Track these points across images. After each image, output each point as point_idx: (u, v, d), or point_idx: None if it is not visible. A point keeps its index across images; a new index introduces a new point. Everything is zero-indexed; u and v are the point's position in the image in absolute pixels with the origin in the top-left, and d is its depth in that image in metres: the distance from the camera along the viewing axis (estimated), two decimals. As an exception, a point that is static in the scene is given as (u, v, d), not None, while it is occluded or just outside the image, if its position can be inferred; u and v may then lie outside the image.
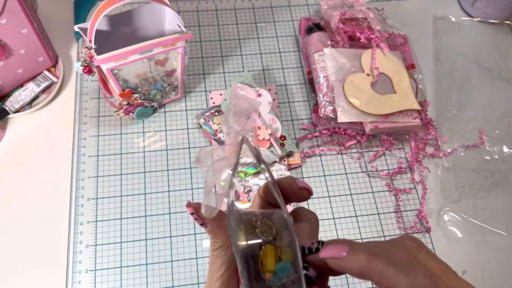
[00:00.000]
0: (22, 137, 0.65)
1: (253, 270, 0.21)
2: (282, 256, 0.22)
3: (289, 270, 0.21)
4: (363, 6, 0.75)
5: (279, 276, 0.21)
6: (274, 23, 0.80)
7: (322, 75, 0.67)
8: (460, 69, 0.77)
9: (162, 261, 0.58)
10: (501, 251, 0.62)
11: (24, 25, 0.59)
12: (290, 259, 0.22)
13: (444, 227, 0.63)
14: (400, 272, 0.20)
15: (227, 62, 0.74)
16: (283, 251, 0.22)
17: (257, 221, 0.23)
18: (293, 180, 0.26)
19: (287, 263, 0.21)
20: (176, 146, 0.66)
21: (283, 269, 0.21)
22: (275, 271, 0.21)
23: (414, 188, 0.66)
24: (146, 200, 0.62)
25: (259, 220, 0.23)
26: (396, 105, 0.64)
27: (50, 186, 0.61)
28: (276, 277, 0.21)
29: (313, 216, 0.26)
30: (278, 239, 0.22)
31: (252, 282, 0.21)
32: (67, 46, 0.73)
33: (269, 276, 0.21)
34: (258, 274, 0.21)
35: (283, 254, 0.22)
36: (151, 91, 0.64)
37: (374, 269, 0.20)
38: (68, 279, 0.56)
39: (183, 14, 0.79)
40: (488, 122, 0.72)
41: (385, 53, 0.68)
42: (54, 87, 0.68)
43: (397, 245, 0.21)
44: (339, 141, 0.68)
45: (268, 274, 0.21)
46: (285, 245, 0.22)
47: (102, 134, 0.66)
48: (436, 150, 0.69)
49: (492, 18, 0.82)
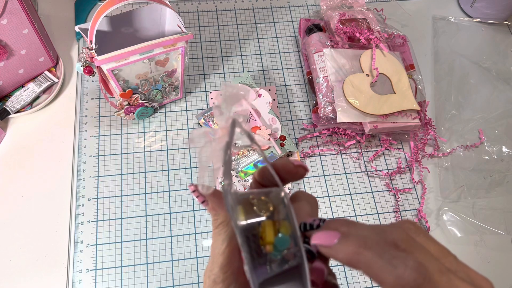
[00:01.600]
0: (23, 137, 0.65)
1: (254, 245, 0.22)
2: (281, 229, 0.22)
3: (288, 242, 0.22)
4: (362, 6, 0.75)
5: (279, 249, 0.21)
6: (274, 24, 0.80)
7: (322, 76, 0.68)
8: (459, 69, 0.77)
9: (162, 261, 0.58)
10: (500, 250, 0.62)
11: (25, 25, 0.60)
12: (289, 232, 0.22)
13: (443, 227, 0.63)
14: (388, 264, 0.20)
15: (227, 63, 0.75)
16: (281, 225, 0.22)
17: (254, 198, 0.23)
18: (287, 160, 0.26)
19: (285, 235, 0.22)
20: (177, 146, 0.66)
21: (282, 241, 0.22)
22: (275, 243, 0.22)
23: (413, 188, 0.66)
24: (146, 200, 0.62)
25: (256, 198, 0.23)
26: (395, 105, 0.65)
27: (51, 186, 0.62)
28: (276, 249, 0.21)
29: (312, 198, 0.26)
30: (276, 214, 0.23)
31: (253, 257, 0.21)
32: (68, 47, 0.73)
33: (270, 249, 0.21)
34: (259, 249, 0.22)
35: (282, 227, 0.22)
36: (151, 92, 0.64)
37: (362, 260, 0.20)
38: (68, 279, 0.56)
39: (184, 14, 0.79)
40: (487, 122, 0.72)
41: (385, 53, 0.68)
42: (55, 88, 0.68)
43: (396, 227, 0.21)
44: (338, 141, 0.69)
45: (268, 247, 0.22)
46: (282, 218, 0.23)
47: (102, 134, 0.66)
48: (435, 150, 0.69)
49: (491, 18, 0.82)
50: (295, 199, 0.26)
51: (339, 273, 0.59)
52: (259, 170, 0.26)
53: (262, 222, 0.22)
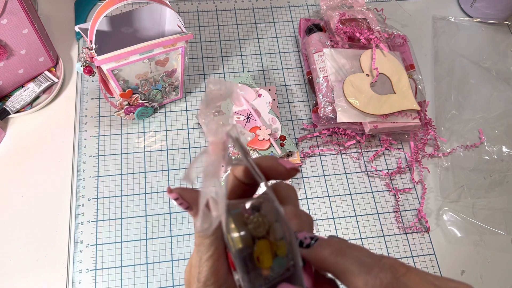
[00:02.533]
0: (23, 137, 0.65)
1: (250, 263, 0.21)
2: (278, 251, 0.22)
3: (285, 264, 0.22)
4: (362, 6, 0.75)
5: (276, 270, 0.22)
6: (274, 24, 0.80)
7: (322, 76, 0.68)
8: (459, 69, 0.77)
9: (162, 261, 0.58)
10: (500, 250, 0.62)
11: (24, 25, 0.60)
12: (285, 252, 0.22)
13: (443, 227, 0.63)
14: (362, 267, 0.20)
15: (227, 63, 0.75)
16: (278, 246, 0.22)
17: (248, 217, 0.22)
18: (275, 161, 0.25)
19: (283, 257, 0.22)
20: (177, 146, 0.66)
21: (280, 263, 0.22)
22: (272, 266, 0.21)
23: (414, 188, 0.66)
24: (146, 200, 0.62)
25: (250, 214, 0.23)
26: (395, 105, 0.64)
27: (51, 186, 0.62)
28: (273, 271, 0.22)
29: (292, 190, 0.26)
30: (272, 233, 0.22)
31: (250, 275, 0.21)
32: (68, 47, 0.73)
33: (267, 272, 0.21)
34: (254, 267, 0.21)
35: (279, 249, 0.22)
36: (151, 91, 0.64)
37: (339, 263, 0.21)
38: (68, 279, 0.56)
39: (183, 14, 0.79)
40: (487, 122, 0.72)
41: (385, 53, 0.68)
42: (55, 87, 0.68)
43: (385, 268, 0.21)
44: (338, 141, 0.69)
45: (265, 271, 0.21)
46: (279, 238, 0.22)
47: (102, 134, 0.66)
48: (435, 150, 0.69)
49: (491, 18, 0.82)
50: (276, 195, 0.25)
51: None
52: (243, 169, 0.25)
53: (257, 242, 0.22)
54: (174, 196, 0.24)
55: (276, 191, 0.26)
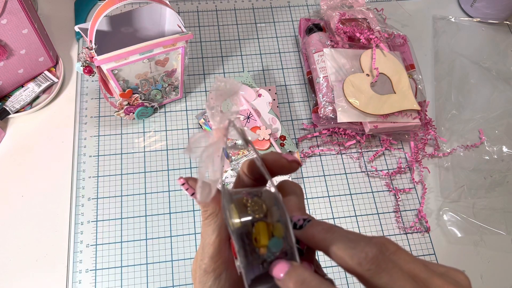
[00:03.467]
0: (22, 137, 0.65)
1: (248, 246, 0.23)
2: (275, 232, 0.23)
3: (281, 245, 0.23)
4: (362, 6, 0.75)
5: (273, 251, 0.23)
6: (274, 24, 0.80)
7: (322, 75, 0.68)
8: (460, 69, 0.77)
9: (162, 261, 0.58)
10: (500, 250, 0.62)
11: (24, 25, 0.60)
12: (282, 234, 0.23)
13: (443, 227, 0.63)
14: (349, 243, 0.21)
15: (227, 63, 0.75)
16: (275, 227, 0.23)
17: (248, 200, 0.24)
18: (279, 155, 0.26)
19: (279, 238, 0.23)
20: (176, 146, 0.66)
21: (276, 244, 0.23)
22: (269, 246, 0.23)
23: (414, 188, 0.66)
24: (146, 200, 0.62)
25: (250, 198, 0.24)
26: (395, 105, 0.64)
27: (51, 186, 0.62)
28: (270, 251, 0.23)
29: (297, 187, 0.27)
30: (269, 215, 0.24)
31: (247, 257, 0.22)
32: (68, 47, 0.73)
33: (264, 251, 0.23)
34: (252, 248, 0.23)
35: (275, 230, 0.23)
36: (151, 91, 0.64)
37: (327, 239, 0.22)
38: (68, 279, 0.56)
39: (183, 14, 0.79)
40: (487, 122, 0.72)
41: (385, 53, 0.68)
42: (55, 87, 0.68)
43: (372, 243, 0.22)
44: (338, 141, 0.69)
45: (262, 249, 0.23)
46: (276, 221, 0.23)
47: (102, 134, 0.66)
48: (435, 150, 0.69)
49: (491, 18, 0.82)
50: (281, 190, 0.26)
51: (339, 273, 0.59)
52: (248, 163, 0.26)
53: (255, 223, 0.23)
54: (182, 181, 0.26)
55: (283, 187, 0.27)
